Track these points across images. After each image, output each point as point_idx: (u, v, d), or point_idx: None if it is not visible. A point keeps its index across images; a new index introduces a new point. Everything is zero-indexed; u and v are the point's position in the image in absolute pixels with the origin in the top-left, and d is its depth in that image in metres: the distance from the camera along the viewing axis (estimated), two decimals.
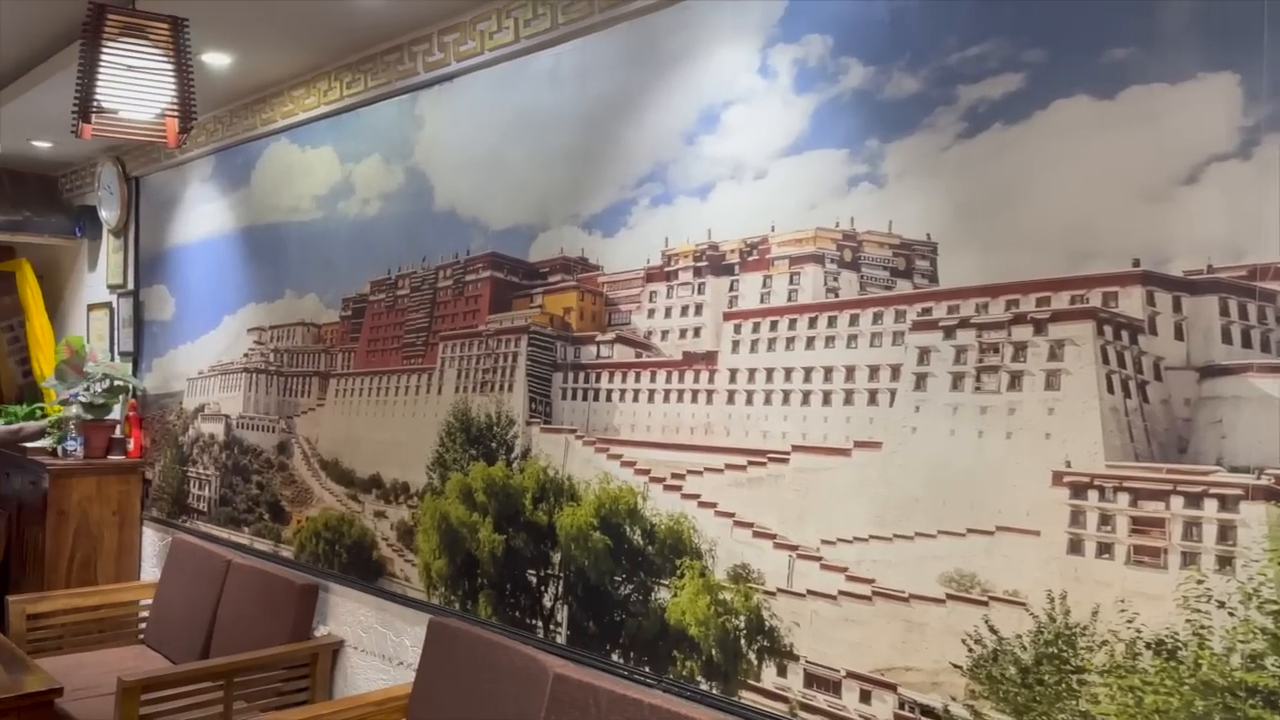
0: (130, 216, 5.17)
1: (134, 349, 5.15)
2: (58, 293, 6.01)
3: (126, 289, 5.23)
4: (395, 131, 3.46)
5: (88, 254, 5.70)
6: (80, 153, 5.40)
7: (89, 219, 5.55)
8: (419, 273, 3.37)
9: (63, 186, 5.89)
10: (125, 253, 5.25)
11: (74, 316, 5.86)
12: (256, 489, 4.15)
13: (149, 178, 5.06)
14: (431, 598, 3.24)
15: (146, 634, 4.32)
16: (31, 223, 5.55)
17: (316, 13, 3.18)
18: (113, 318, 5.37)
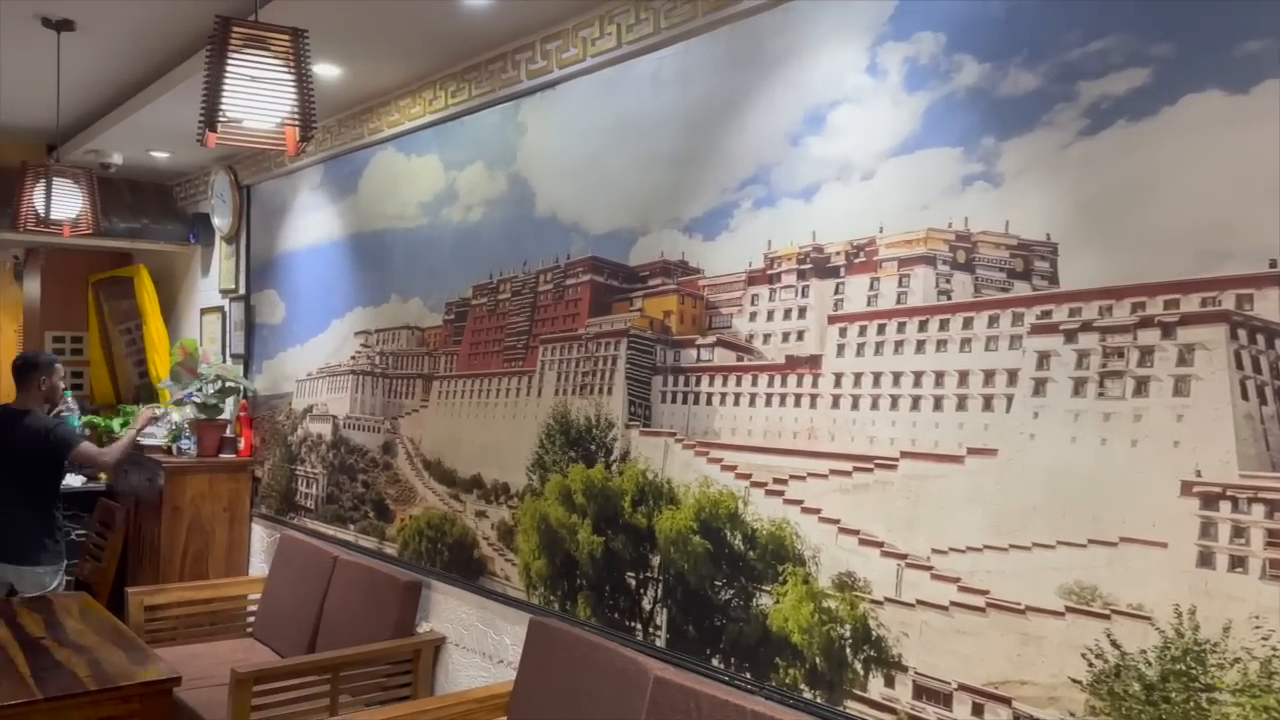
0: (242, 224, 5.38)
1: (245, 351, 5.34)
2: (172, 297, 6.28)
3: (238, 293, 5.44)
4: (498, 139, 3.52)
5: (201, 260, 5.94)
6: (194, 162, 5.64)
7: (202, 226, 5.79)
8: (520, 277, 3.42)
9: (177, 195, 6.15)
10: (237, 258, 5.45)
11: (187, 320, 6.11)
12: (362, 487, 4.27)
13: (259, 186, 5.25)
14: (531, 597, 3.27)
15: (255, 627, 4.47)
16: (149, 230, 5.81)
17: (425, 25, 3.25)
18: (224, 321, 5.59)
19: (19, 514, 4.26)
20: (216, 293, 5.67)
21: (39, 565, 4.29)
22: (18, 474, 4.27)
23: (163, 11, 3.59)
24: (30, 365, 4.43)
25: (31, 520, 4.28)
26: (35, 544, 4.30)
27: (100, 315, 6.73)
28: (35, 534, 4.29)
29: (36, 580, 4.30)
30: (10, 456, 4.28)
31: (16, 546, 4.26)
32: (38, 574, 4.30)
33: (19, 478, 4.27)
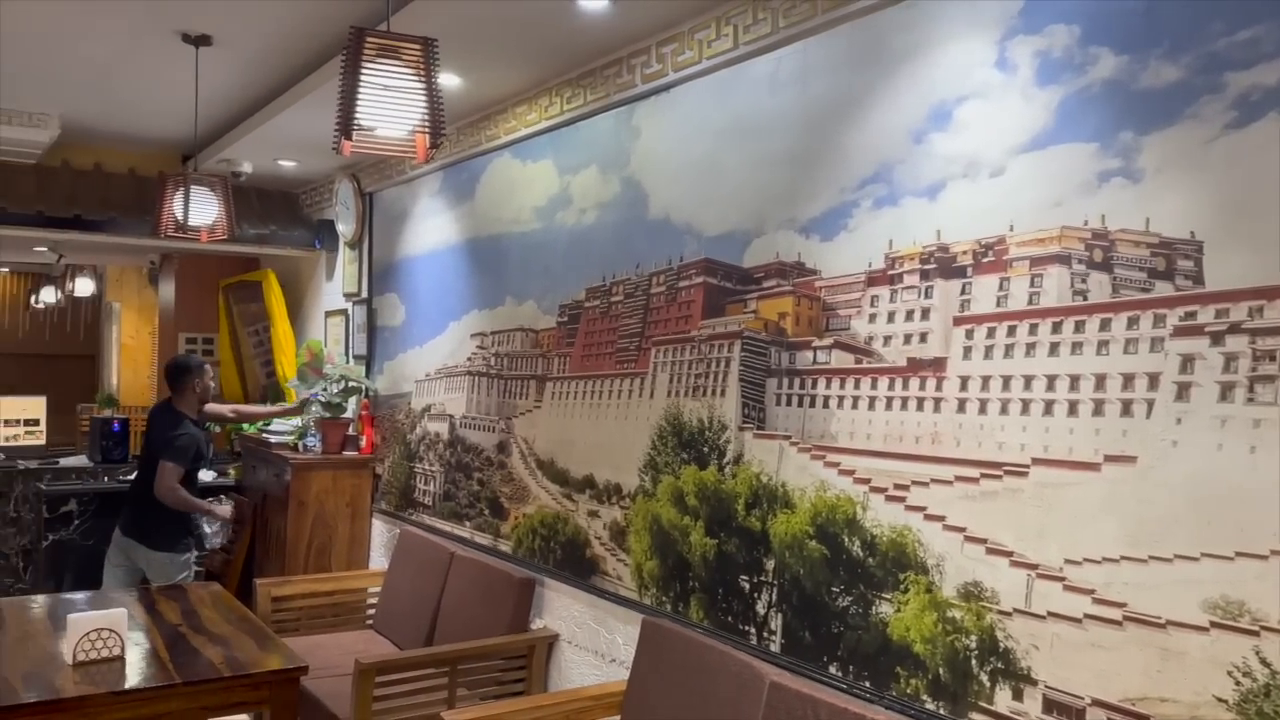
0: (364, 229, 5.57)
1: (367, 352, 5.53)
2: (298, 300, 6.54)
3: (360, 297, 5.63)
4: (612, 143, 3.55)
5: (325, 264, 6.17)
6: (320, 171, 5.86)
7: (327, 232, 6.02)
8: (632, 279, 3.44)
9: (303, 202, 6.41)
10: (360, 263, 5.65)
11: (312, 322, 6.36)
12: (477, 485, 4.36)
13: (381, 193, 5.43)
14: (643, 598, 3.29)
15: (375, 620, 4.62)
16: (276, 236, 6.07)
17: (543, 33, 3.31)
18: (348, 323, 5.80)
19: (155, 502, 4.55)
20: (340, 296, 5.88)
21: (163, 551, 4.59)
22: (154, 463, 4.58)
23: (294, 25, 3.75)
24: (182, 369, 4.73)
25: (164, 509, 4.57)
26: (163, 532, 4.59)
27: (230, 318, 7.07)
28: (164, 523, 4.59)
29: (162, 568, 4.59)
30: (149, 447, 4.65)
31: (148, 531, 4.58)
32: (162, 561, 4.59)
33: (155, 469, 4.56)
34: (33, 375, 11.17)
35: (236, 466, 6.01)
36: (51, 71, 4.41)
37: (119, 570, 4.64)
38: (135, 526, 4.60)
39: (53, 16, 3.70)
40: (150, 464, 4.60)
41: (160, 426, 4.62)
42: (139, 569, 4.63)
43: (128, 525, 4.64)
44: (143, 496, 4.61)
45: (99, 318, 11.94)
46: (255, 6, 3.58)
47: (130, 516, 4.65)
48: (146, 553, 4.58)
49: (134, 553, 4.60)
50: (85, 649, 3.08)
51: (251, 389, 6.97)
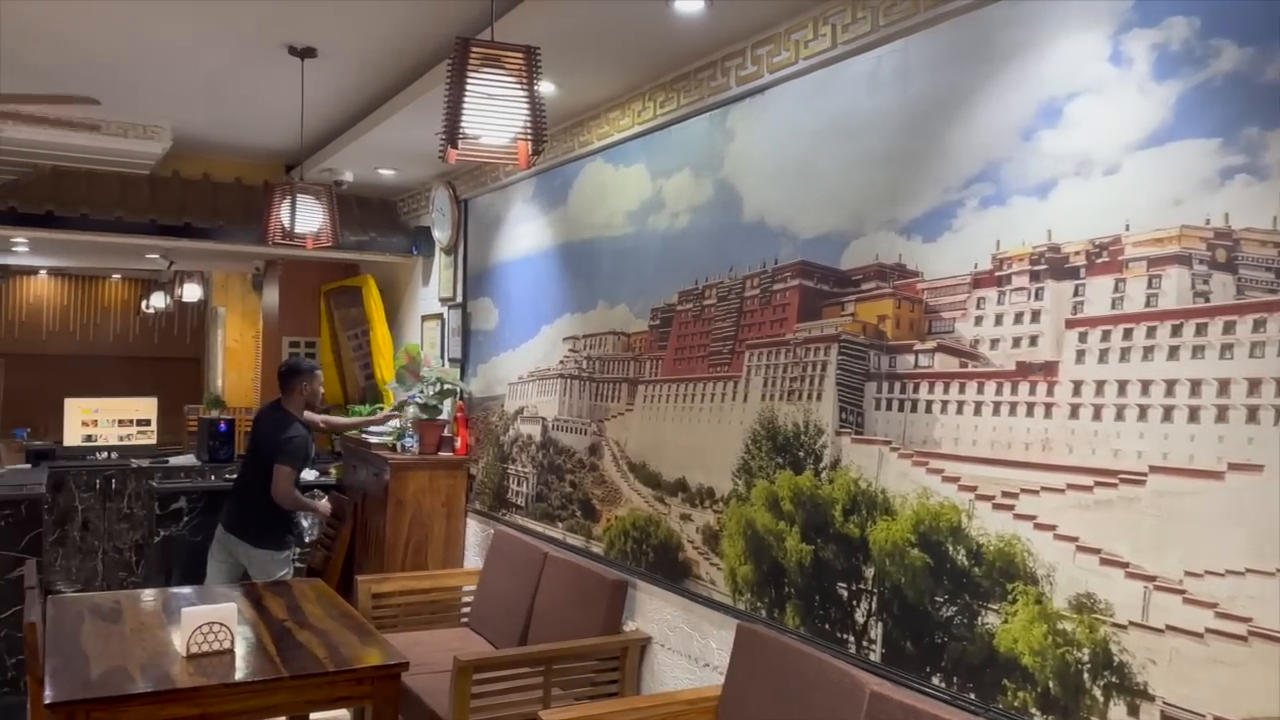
0: (460, 236, 5.67)
1: (461, 356, 5.63)
2: (395, 305, 6.70)
3: (455, 301, 5.74)
4: (705, 146, 3.55)
5: (422, 270, 6.31)
6: (417, 179, 6.00)
7: (424, 239, 6.15)
8: (726, 283, 3.43)
9: (401, 210, 6.57)
10: (455, 268, 5.76)
11: (409, 326, 6.51)
12: (569, 487, 4.40)
13: (476, 200, 5.53)
14: (737, 603, 3.27)
15: (470, 618, 4.70)
16: (376, 243, 6.22)
17: (638, 38, 3.32)
18: (443, 327, 5.92)
19: (257, 500, 4.74)
20: (436, 301, 6.01)
21: (267, 549, 4.76)
22: (258, 464, 4.77)
23: (396, 36, 3.85)
24: (294, 371, 4.95)
25: (266, 506, 4.75)
26: (266, 529, 4.77)
27: (331, 322, 7.28)
28: (267, 521, 4.76)
29: (263, 565, 4.76)
30: (257, 448, 4.83)
31: (251, 528, 4.76)
32: (263, 558, 4.77)
33: (259, 468, 4.77)
34: (142, 377, 11.69)
35: (338, 466, 6.18)
36: (165, 86, 4.62)
37: (222, 565, 4.83)
38: (239, 523, 4.78)
39: (168, 32, 3.87)
40: (257, 463, 4.78)
41: (270, 428, 4.79)
42: (241, 564, 4.81)
43: (231, 522, 4.82)
44: (247, 494, 4.80)
45: (204, 322, 12.44)
46: (359, 19, 3.68)
47: (234, 513, 4.83)
48: (249, 549, 4.76)
49: (236, 549, 4.78)
50: (198, 641, 3.20)
51: (351, 391, 7.16)
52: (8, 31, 3.85)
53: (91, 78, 4.35)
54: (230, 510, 4.87)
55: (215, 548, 4.88)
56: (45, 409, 10.95)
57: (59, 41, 3.98)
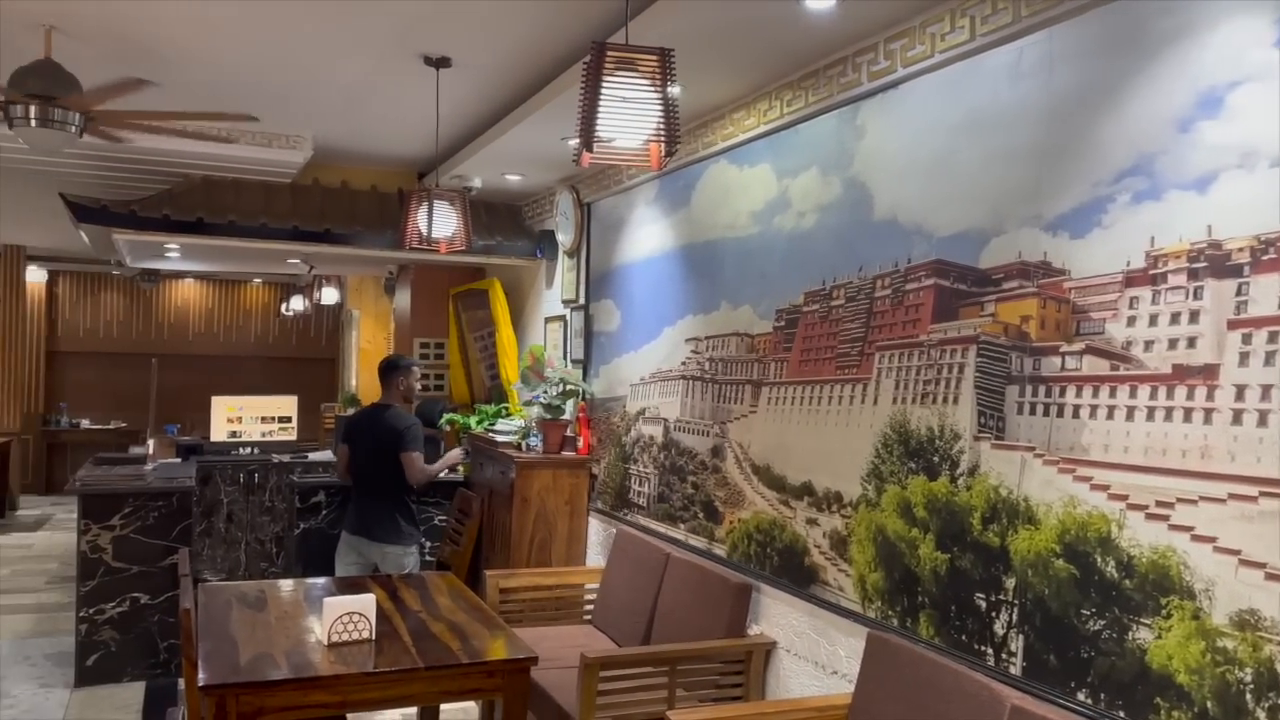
0: (582, 239, 5.75)
1: (584, 357, 5.70)
2: (519, 307, 6.84)
3: (578, 303, 5.82)
4: (834, 143, 3.49)
5: (545, 272, 6.42)
6: (542, 183, 6.11)
7: (548, 242, 6.26)
8: (855, 283, 3.37)
9: (525, 214, 6.70)
10: (578, 271, 5.84)
11: (533, 328, 6.63)
12: (691, 489, 4.40)
13: (599, 203, 5.59)
14: (867, 610, 3.20)
15: (594, 615, 4.75)
16: (501, 246, 6.36)
17: (766, 36, 3.30)
18: (566, 329, 6.00)
19: (383, 498, 4.89)
20: (559, 303, 6.10)
21: (398, 545, 4.90)
22: (381, 463, 4.90)
23: (527, 44, 3.93)
24: (392, 367, 5.08)
25: (393, 504, 4.91)
26: (395, 526, 4.91)
27: (459, 324, 7.48)
28: (395, 516, 4.91)
29: (396, 560, 4.89)
30: (377, 446, 4.92)
31: (381, 526, 4.89)
32: (396, 553, 4.90)
33: (382, 466, 4.90)
34: (280, 377, 12.29)
35: (465, 463, 6.34)
36: (307, 97, 4.84)
37: (351, 568, 4.96)
38: (370, 525, 4.90)
39: (310, 45, 4.05)
40: (380, 463, 4.89)
41: (386, 423, 4.92)
42: (372, 563, 4.95)
43: (360, 525, 4.93)
44: (375, 495, 4.92)
45: (338, 324, 12.97)
46: (492, 27, 3.77)
47: (363, 516, 4.93)
48: (382, 548, 4.89)
49: (368, 549, 4.92)
50: (338, 631, 3.33)
51: (477, 391, 7.34)
52: (169, 54, 4.10)
53: (241, 92, 4.59)
54: (358, 514, 4.96)
55: (344, 550, 5.01)
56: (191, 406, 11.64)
57: (214, 60, 4.21)
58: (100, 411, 12.27)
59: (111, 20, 3.71)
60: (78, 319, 12.60)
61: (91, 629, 5.11)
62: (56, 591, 7.17)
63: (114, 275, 12.50)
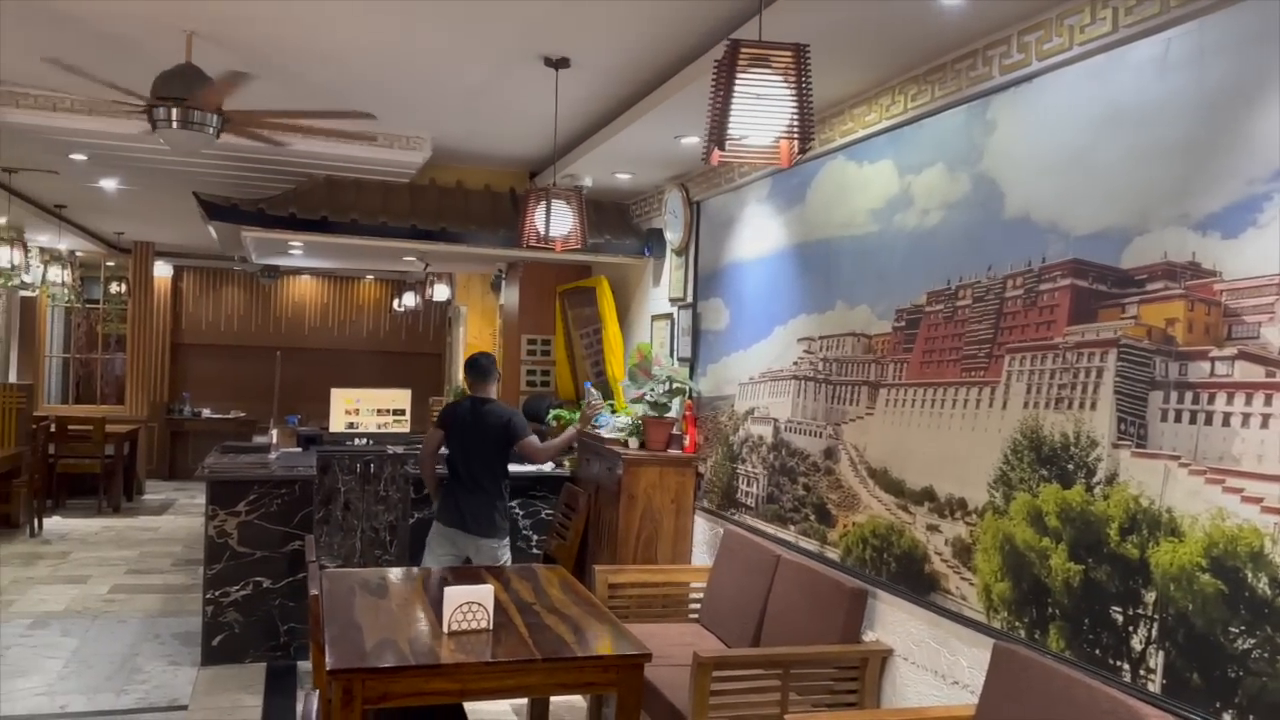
0: (691, 237, 5.74)
1: (691, 355, 5.70)
2: (625, 305, 6.87)
3: (685, 302, 5.81)
4: (961, 139, 3.40)
5: (652, 271, 6.44)
6: (651, 182, 6.12)
7: (655, 240, 6.27)
8: (983, 282, 3.27)
9: (633, 212, 6.73)
10: (685, 269, 5.83)
11: (639, 326, 6.65)
12: (803, 490, 4.35)
13: (708, 201, 5.57)
14: (992, 620, 3.11)
15: (701, 615, 4.74)
16: (610, 245, 6.40)
17: (894, 30, 3.23)
18: (673, 327, 6.01)
19: (482, 491, 4.97)
20: (666, 301, 6.11)
21: (493, 538, 4.98)
22: (482, 455, 4.98)
23: (646, 44, 3.94)
24: (491, 364, 5.20)
25: (491, 497, 5.00)
26: (492, 519, 4.99)
27: (565, 321, 7.57)
28: (493, 510, 4.99)
29: (490, 553, 4.97)
30: (479, 439, 4.99)
31: (479, 520, 4.96)
32: (492, 546, 4.98)
33: (483, 459, 4.98)
34: (391, 370, 12.64)
35: (572, 459, 6.41)
36: (428, 99, 4.95)
37: (443, 559, 5.03)
38: (468, 518, 4.96)
39: (434, 49, 4.14)
40: (483, 456, 4.97)
41: (491, 417, 5.01)
42: (463, 555, 5.03)
43: (456, 517, 4.99)
44: (476, 489, 4.99)
45: (445, 320, 13.27)
46: (613, 27, 3.79)
47: (461, 509, 4.99)
48: (478, 541, 4.96)
49: (463, 542, 4.99)
50: (458, 620, 3.39)
51: (582, 387, 7.40)
52: (295, 54, 4.25)
53: (365, 93, 4.73)
54: (455, 507, 5.01)
55: (437, 541, 5.06)
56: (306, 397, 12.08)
57: (341, 63, 4.35)
58: (220, 401, 12.83)
59: (248, 24, 3.86)
60: (200, 313, 13.20)
61: (217, 610, 5.34)
62: (181, 573, 7.53)
63: (235, 271, 13.07)
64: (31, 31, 4.02)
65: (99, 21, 3.89)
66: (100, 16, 3.83)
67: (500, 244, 6.14)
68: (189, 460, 12.37)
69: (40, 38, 4.07)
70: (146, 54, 4.14)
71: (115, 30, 3.98)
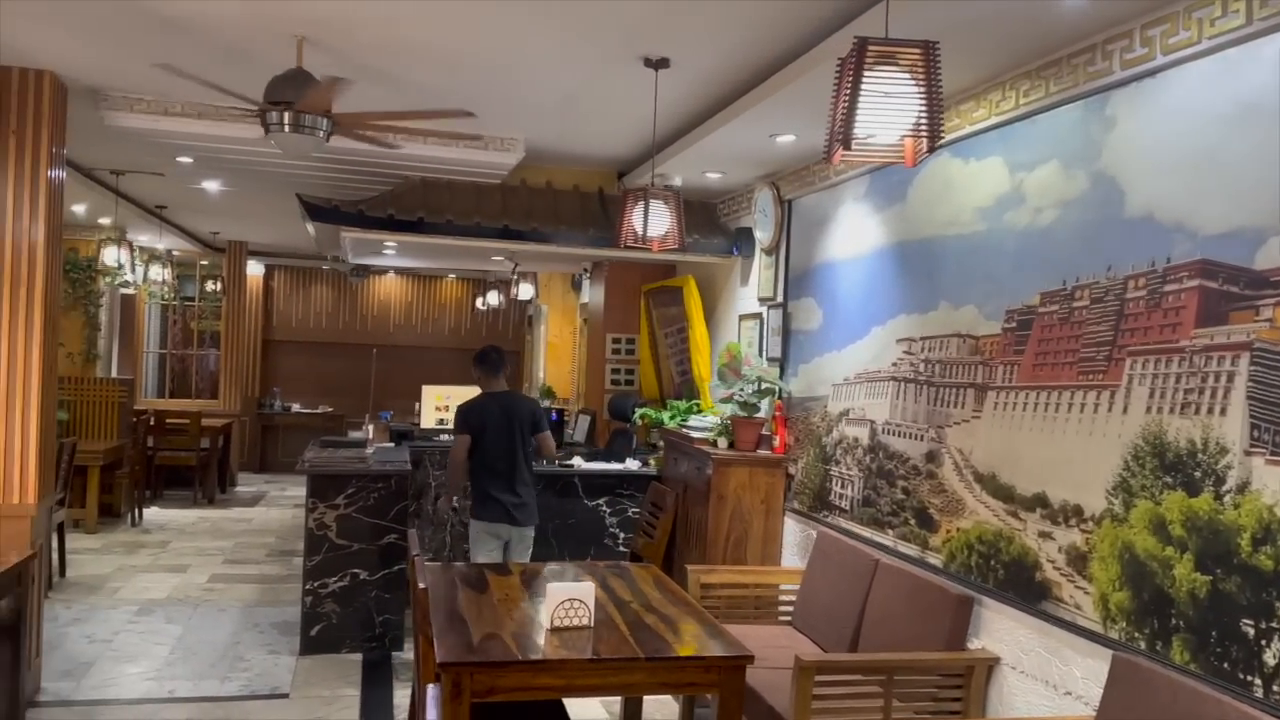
0: (782, 236, 5.70)
1: (781, 355, 5.65)
2: (711, 304, 6.85)
3: (776, 301, 5.77)
4: (1078, 135, 3.31)
5: (740, 270, 6.41)
6: (740, 181, 6.10)
7: (744, 239, 6.24)
8: (1101, 283, 3.18)
9: (720, 211, 6.71)
10: (775, 268, 5.79)
11: (725, 325, 6.63)
12: (902, 494, 4.28)
13: (801, 200, 5.52)
14: (1109, 631, 3.02)
15: (794, 617, 4.70)
16: (698, 244, 6.39)
17: (1007, 25, 3.16)
18: (762, 327, 5.97)
19: (523, 483, 5.17)
20: (755, 300, 6.08)
21: (531, 525, 5.21)
22: (522, 446, 5.17)
23: (747, 42, 3.92)
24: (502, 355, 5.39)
25: (530, 486, 5.22)
26: (533, 507, 5.22)
27: (649, 320, 7.58)
28: (533, 498, 5.23)
29: (529, 538, 5.19)
30: (516, 432, 5.16)
31: (525, 510, 5.16)
32: (529, 535, 5.19)
33: (523, 449, 5.17)
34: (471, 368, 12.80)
35: (657, 458, 6.42)
36: (524, 101, 5.00)
37: (493, 554, 5.16)
38: (507, 511, 5.09)
39: (538, 50, 4.17)
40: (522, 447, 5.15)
41: (523, 408, 5.24)
42: (503, 544, 5.18)
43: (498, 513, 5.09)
44: (520, 480, 5.15)
45: (523, 318, 13.41)
46: (716, 28, 3.78)
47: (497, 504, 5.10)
48: (522, 530, 5.16)
49: (508, 534, 5.15)
50: (560, 616, 3.41)
51: (666, 387, 7.41)
52: (400, 57, 4.32)
53: (463, 95, 4.79)
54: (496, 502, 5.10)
55: (484, 538, 5.16)
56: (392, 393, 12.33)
57: (442, 64, 4.41)
58: (308, 397, 13.16)
59: (359, 27, 3.94)
60: (290, 310, 13.56)
61: (315, 601, 5.47)
62: (276, 564, 7.74)
63: (324, 270, 13.39)
64: (145, 39, 4.16)
65: (212, 29, 4.01)
66: (213, 24, 3.95)
67: (589, 243, 6.18)
68: (278, 454, 12.74)
69: (154, 45, 4.21)
70: (257, 59, 4.26)
71: (227, 37, 4.10)
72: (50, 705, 4.60)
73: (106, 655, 5.33)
